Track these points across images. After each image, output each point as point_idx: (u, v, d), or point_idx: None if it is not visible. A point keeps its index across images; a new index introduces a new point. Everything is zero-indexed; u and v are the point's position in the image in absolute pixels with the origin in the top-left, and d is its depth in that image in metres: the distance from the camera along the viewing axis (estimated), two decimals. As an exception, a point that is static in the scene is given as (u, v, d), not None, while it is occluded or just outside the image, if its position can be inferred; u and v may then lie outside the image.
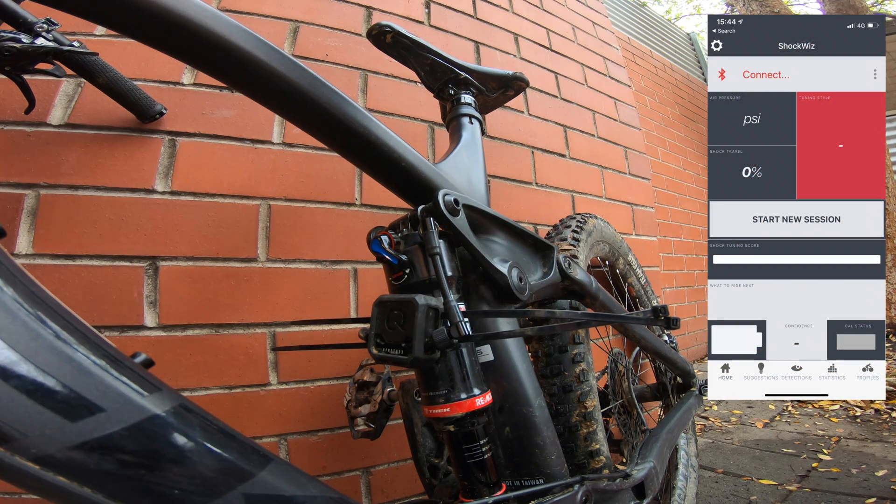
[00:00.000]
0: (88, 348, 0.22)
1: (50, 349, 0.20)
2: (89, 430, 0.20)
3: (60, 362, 0.20)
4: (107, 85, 0.70)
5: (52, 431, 0.19)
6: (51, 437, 0.19)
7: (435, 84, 0.80)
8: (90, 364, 0.21)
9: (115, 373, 0.22)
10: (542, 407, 0.51)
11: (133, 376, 0.23)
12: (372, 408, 0.53)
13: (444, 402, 0.42)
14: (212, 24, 0.38)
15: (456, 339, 0.39)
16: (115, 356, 0.23)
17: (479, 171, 0.69)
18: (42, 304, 0.21)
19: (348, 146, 0.48)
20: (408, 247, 0.47)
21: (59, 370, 0.20)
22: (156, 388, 0.23)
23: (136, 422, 0.21)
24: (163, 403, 0.23)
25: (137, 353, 0.26)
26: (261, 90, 0.43)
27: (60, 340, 0.21)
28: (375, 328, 0.42)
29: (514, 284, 0.51)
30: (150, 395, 0.23)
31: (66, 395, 0.20)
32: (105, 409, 0.21)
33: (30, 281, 0.22)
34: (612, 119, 1.56)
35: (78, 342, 0.21)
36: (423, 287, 0.46)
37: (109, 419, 0.20)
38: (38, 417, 0.19)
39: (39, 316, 0.21)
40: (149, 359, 0.26)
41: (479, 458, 0.43)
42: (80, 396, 0.20)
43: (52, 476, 0.19)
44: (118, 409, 0.21)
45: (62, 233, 0.71)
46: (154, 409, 0.22)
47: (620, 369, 1.01)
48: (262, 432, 0.79)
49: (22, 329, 0.20)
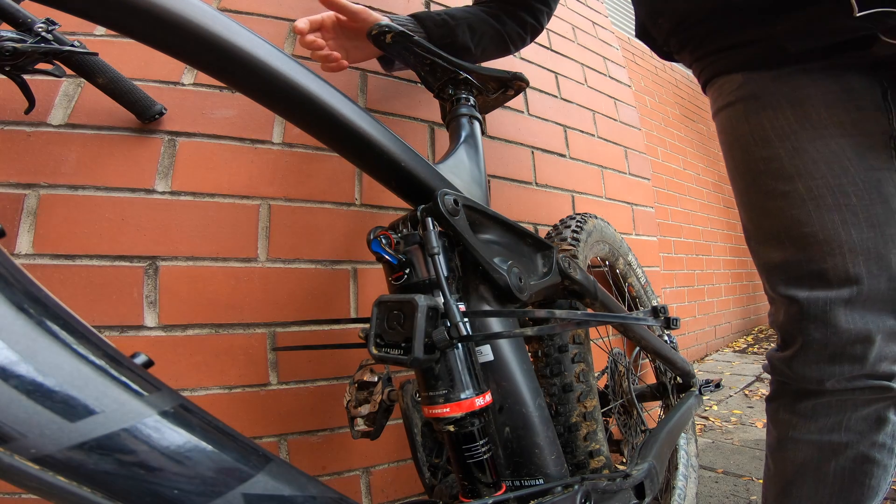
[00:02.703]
0: (88, 349, 0.22)
1: (49, 350, 0.20)
2: (88, 431, 0.20)
3: (60, 363, 0.20)
4: (107, 85, 0.70)
5: (52, 432, 0.19)
6: (50, 437, 0.19)
7: (435, 84, 0.80)
8: (89, 365, 0.21)
9: (115, 373, 0.22)
10: (542, 407, 0.51)
11: (132, 377, 0.23)
12: (372, 408, 0.53)
13: (444, 402, 0.42)
14: (211, 25, 0.38)
15: (455, 340, 0.39)
16: (115, 356, 0.23)
17: (479, 171, 0.69)
18: (41, 305, 0.21)
19: (347, 147, 0.48)
20: (407, 247, 0.47)
21: (59, 371, 0.20)
22: (155, 389, 0.23)
23: (135, 422, 0.21)
24: (162, 403, 0.23)
25: (137, 353, 0.26)
26: (259, 90, 0.43)
27: (60, 341, 0.21)
28: (375, 328, 0.42)
29: (513, 284, 0.51)
30: (150, 395, 0.23)
31: (65, 395, 0.20)
32: (104, 409, 0.21)
33: (29, 281, 0.22)
34: (612, 119, 1.56)
35: (77, 343, 0.21)
36: (422, 287, 0.46)
37: (108, 419, 0.21)
38: (37, 418, 0.19)
39: (39, 316, 0.21)
40: (149, 359, 0.26)
41: (479, 459, 0.43)
42: (79, 397, 0.20)
43: (52, 476, 0.19)
44: (117, 410, 0.21)
45: (62, 233, 0.71)
46: (153, 410, 0.22)
47: (620, 369, 1.01)
48: (262, 432, 0.79)
49: (21, 329, 0.20)
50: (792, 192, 0.65)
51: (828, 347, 0.63)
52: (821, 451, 0.66)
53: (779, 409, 0.73)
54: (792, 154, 0.65)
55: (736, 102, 0.70)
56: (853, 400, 0.64)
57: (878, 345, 0.61)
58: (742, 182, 0.73)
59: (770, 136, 0.66)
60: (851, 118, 0.62)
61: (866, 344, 0.61)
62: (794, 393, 0.69)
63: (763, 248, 0.71)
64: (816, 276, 0.64)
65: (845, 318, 0.62)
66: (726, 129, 0.74)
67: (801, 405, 0.68)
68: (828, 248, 0.63)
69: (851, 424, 0.65)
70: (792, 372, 0.68)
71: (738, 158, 0.72)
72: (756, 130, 0.68)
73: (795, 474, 0.68)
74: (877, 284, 0.61)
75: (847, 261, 0.62)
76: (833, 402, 0.65)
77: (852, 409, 0.65)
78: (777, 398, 0.73)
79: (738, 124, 0.71)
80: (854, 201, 0.62)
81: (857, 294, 0.61)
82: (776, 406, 0.73)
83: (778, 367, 0.71)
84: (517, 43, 0.94)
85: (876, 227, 0.61)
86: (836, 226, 0.62)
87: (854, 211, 0.62)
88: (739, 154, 0.72)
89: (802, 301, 0.65)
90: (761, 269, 0.72)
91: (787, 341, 0.69)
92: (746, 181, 0.72)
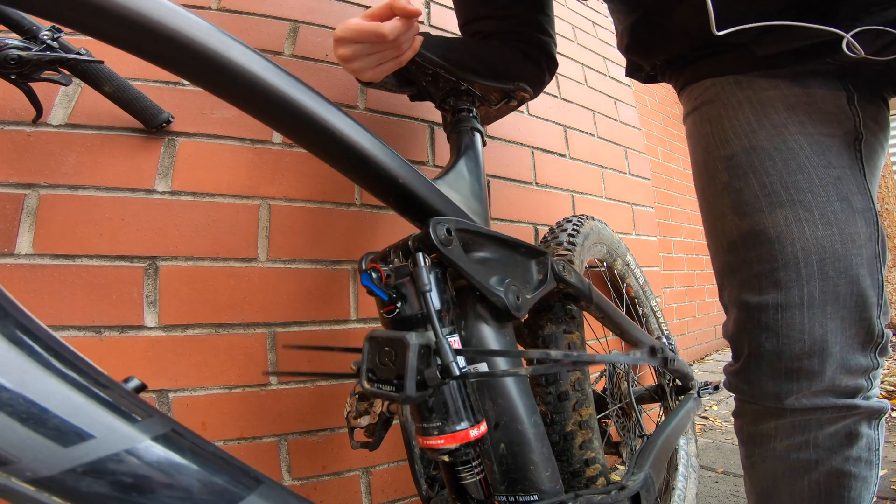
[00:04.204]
0: (80, 376, 0.23)
1: (41, 379, 0.21)
2: (80, 456, 0.21)
3: (52, 391, 0.21)
4: (113, 93, 0.69)
5: (45, 456, 0.20)
6: (44, 461, 0.20)
7: (437, 94, 0.79)
8: (82, 392, 0.22)
9: (107, 398, 0.23)
10: (538, 424, 0.51)
11: (124, 402, 0.24)
12: (371, 419, 0.53)
13: (438, 433, 0.42)
14: (205, 39, 0.37)
15: (448, 380, 0.38)
16: (106, 384, 0.24)
17: (479, 185, 0.69)
18: (32, 335, 0.22)
19: (344, 162, 0.47)
20: (399, 279, 0.46)
21: (51, 399, 0.21)
22: (147, 415, 0.24)
23: (126, 447, 0.22)
24: (154, 429, 0.24)
25: (130, 377, 0.27)
26: (252, 104, 0.42)
27: (52, 370, 0.22)
28: (367, 363, 0.42)
29: (511, 304, 0.52)
30: (141, 420, 0.24)
31: (57, 422, 0.21)
32: (97, 434, 0.22)
33: (21, 312, 0.23)
34: (612, 119, 1.56)
35: (69, 371, 0.22)
36: (414, 322, 0.45)
37: (100, 445, 0.21)
38: (31, 443, 0.20)
39: (31, 347, 0.22)
40: (141, 383, 0.27)
41: (472, 480, 0.43)
42: (72, 423, 0.21)
43: (48, 497, 0.20)
44: (108, 436, 0.22)
45: (62, 233, 0.71)
46: (145, 435, 0.23)
47: (619, 372, 1.01)
48: (263, 432, 0.79)
49: (14, 360, 0.21)
50: (745, 188, 0.62)
51: (781, 359, 0.59)
52: (791, 469, 0.62)
53: (743, 427, 0.69)
54: (748, 151, 0.62)
55: (700, 106, 0.69)
56: (817, 419, 0.59)
57: (837, 356, 0.56)
58: (701, 182, 0.71)
59: (729, 136, 0.64)
60: (812, 119, 0.60)
61: (823, 356, 0.57)
62: (755, 413, 0.65)
63: (717, 251, 0.68)
64: (766, 277, 0.59)
65: (799, 326, 0.57)
66: (691, 133, 0.73)
67: (764, 426, 0.64)
68: (779, 246, 0.58)
69: (819, 442, 0.60)
70: (749, 388, 0.64)
71: (699, 160, 0.71)
72: (717, 131, 0.66)
73: (771, 488, 0.65)
74: (834, 287, 0.56)
75: (799, 259, 0.57)
76: (796, 423, 0.61)
77: (817, 427, 0.60)
78: (740, 416, 0.69)
79: (701, 126, 0.69)
80: (809, 198, 0.57)
81: (811, 298, 0.56)
82: (740, 423, 0.69)
83: (733, 383, 0.67)
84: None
85: (832, 224, 0.57)
86: (790, 223, 0.58)
87: (808, 208, 0.57)
88: (700, 155, 0.70)
89: (752, 306, 0.60)
90: (716, 276, 0.69)
91: (738, 352, 0.65)
92: (705, 181, 0.69)
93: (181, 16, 0.36)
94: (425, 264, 0.44)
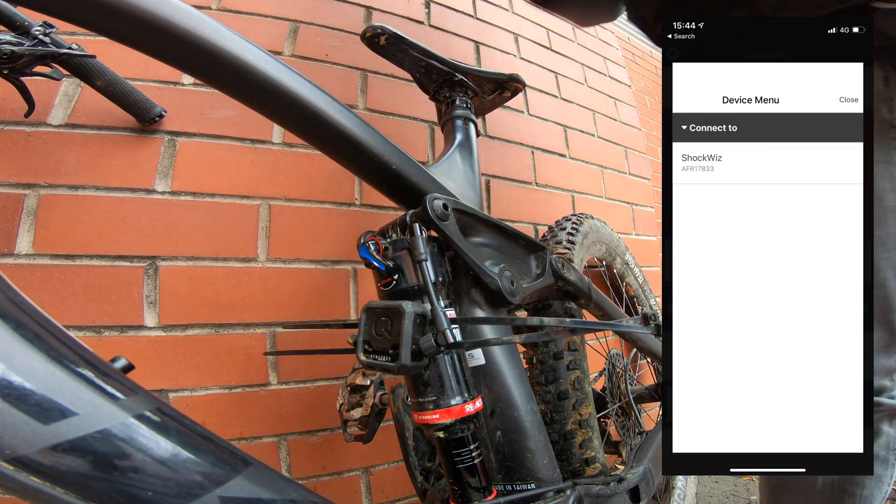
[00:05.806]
0: (64, 353, 0.22)
1: (24, 354, 0.21)
2: (62, 433, 0.20)
3: (34, 367, 0.21)
4: (105, 88, 0.70)
5: (25, 434, 0.20)
6: (24, 438, 0.19)
7: (430, 86, 0.80)
8: (65, 369, 0.22)
9: (90, 376, 0.22)
10: (534, 411, 0.51)
11: (109, 380, 0.23)
12: (364, 411, 0.53)
13: (434, 408, 0.42)
14: (198, 28, 0.38)
15: (443, 347, 0.38)
16: (91, 361, 0.23)
17: (473, 173, 0.69)
18: (17, 309, 0.22)
19: (337, 149, 0.48)
20: (396, 252, 0.46)
21: (33, 374, 0.20)
22: (131, 392, 0.24)
23: (109, 425, 0.22)
24: (138, 407, 0.23)
25: (117, 357, 0.26)
26: (246, 93, 0.42)
27: (34, 346, 0.21)
28: (364, 334, 0.42)
29: (504, 288, 0.51)
30: (125, 398, 0.23)
31: (38, 398, 0.20)
32: (79, 412, 0.21)
33: (6, 286, 0.22)
34: (612, 119, 1.56)
35: (53, 347, 0.22)
36: (411, 293, 0.45)
37: (83, 422, 0.21)
38: (11, 420, 0.19)
39: (13, 319, 0.21)
40: (129, 363, 0.26)
41: (470, 464, 0.43)
42: (54, 400, 0.21)
43: (26, 477, 0.20)
44: (91, 413, 0.21)
45: (62, 233, 0.71)
46: (128, 413, 0.23)
47: (618, 370, 1.01)
48: (262, 432, 0.79)
49: None
50: None
51: None
52: None
53: None
54: None
55: None
56: None
57: None
58: None
59: None
60: None
61: None
62: None
63: None
64: None
65: None
66: None
67: None
68: None
69: None
70: None
71: None
72: None
73: (784, 483, 0.66)
74: None
75: None
76: None
77: None
78: None
79: None
80: None
81: None
82: None
83: None
84: None
85: None
86: None
87: None
88: None
89: None
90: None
91: None
92: None
93: (170, 4, 0.36)
94: (422, 235, 0.45)
